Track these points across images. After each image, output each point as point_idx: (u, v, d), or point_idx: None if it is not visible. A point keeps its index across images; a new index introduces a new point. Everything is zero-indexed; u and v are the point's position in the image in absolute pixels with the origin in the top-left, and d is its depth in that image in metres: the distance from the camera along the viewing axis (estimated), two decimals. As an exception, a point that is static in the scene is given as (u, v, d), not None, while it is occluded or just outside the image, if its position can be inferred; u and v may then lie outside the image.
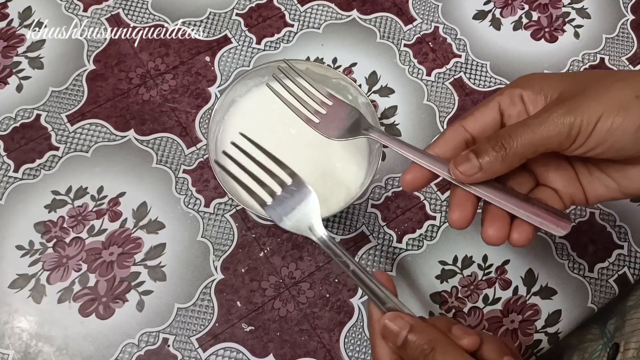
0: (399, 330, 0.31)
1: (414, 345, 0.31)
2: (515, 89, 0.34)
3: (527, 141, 0.31)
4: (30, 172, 0.50)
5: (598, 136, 0.31)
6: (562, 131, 0.31)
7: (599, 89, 0.31)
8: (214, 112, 0.47)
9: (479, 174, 0.32)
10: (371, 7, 0.59)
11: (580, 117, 0.30)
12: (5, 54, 0.55)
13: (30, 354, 0.45)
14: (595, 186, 0.35)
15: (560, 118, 0.31)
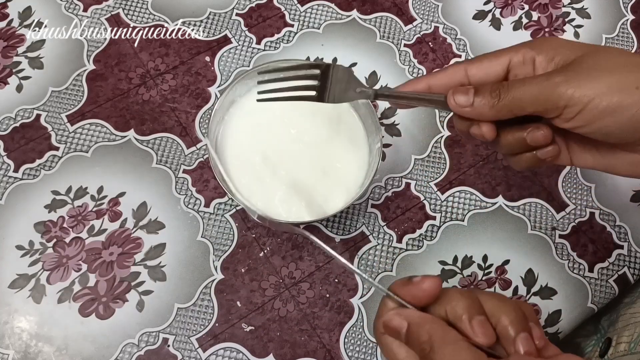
0: (399, 328, 0.31)
1: (415, 343, 0.30)
2: (530, 51, 0.34)
3: (518, 96, 0.32)
4: (30, 172, 0.50)
5: (587, 116, 0.31)
6: (551, 99, 0.31)
7: (603, 70, 0.31)
8: (214, 112, 0.47)
9: (467, 109, 0.34)
10: (371, 7, 0.59)
11: (572, 90, 0.31)
12: (5, 54, 0.55)
13: (30, 354, 0.45)
14: (584, 156, 0.35)
15: (554, 86, 0.31)
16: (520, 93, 0.32)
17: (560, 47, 0.34)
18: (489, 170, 0.53)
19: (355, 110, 0.50)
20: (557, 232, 0.51)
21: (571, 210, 0.52)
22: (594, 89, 0.30)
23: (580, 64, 0.32)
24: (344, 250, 0.50)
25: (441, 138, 0.54)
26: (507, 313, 0.31)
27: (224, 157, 0.48)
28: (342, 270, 0.49)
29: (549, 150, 0.35)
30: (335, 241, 0.50)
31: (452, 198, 0.52)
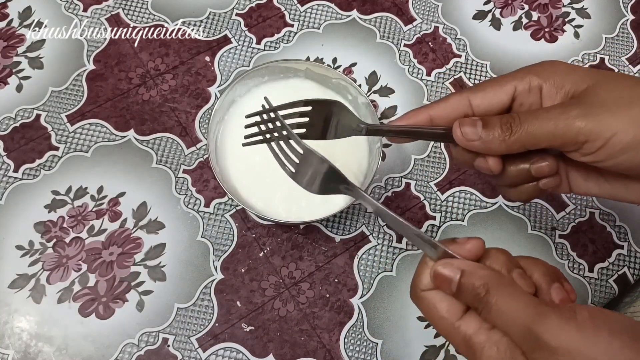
0: (451, 276, 0.30)
1: (468, 289, 0.29)
2: (536, 79, 0.33)
3: (532, 131, 0.31)
4: (30, 172, 0.50)
5: (610, 151, 0.30)
6: (569, 134, 0.30)
7: (620, 103, 0.30)
8: (214, 112, 0.47)
9: (476, 143, 0.32)
10: (371, 7, 0.59)
11: (591, 125, 0.30)
12: (5, 54, 0.55)
13: (30, 354, 0.45)
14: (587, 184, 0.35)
15: (571, 120, 0.30)
16: (534, 128, 0.31)
17: (567, 74, 0.33)
18: (489, 170, 0.53)
19: (356, 110, 0.50)
20: (557, 232, 0.51)
21: (571, 210, 0.52)
22: (615, 124, 0.30)
23: (594, 95, 0.31)
24: (344, 250, 0.50)
25: (441, 138, 0.54)
26: (539, 268, 0.31)
27: (224, 157, 0.48)
28: (342, 271, 0.49)
29: (552, 180, 0.34)
30: (335, 241, 0.50)
31: (452, 198, 0.52)
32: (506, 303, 0.28)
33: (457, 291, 0.30)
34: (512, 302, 0.28)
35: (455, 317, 0.30)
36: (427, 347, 0.47)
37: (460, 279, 0.29)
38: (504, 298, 0.28)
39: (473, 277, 0.29)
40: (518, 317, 0.27)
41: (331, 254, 0.49)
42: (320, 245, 0.49)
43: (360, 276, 0.49)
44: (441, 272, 0.30)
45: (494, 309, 0.28)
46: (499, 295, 0.28)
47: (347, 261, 0.49)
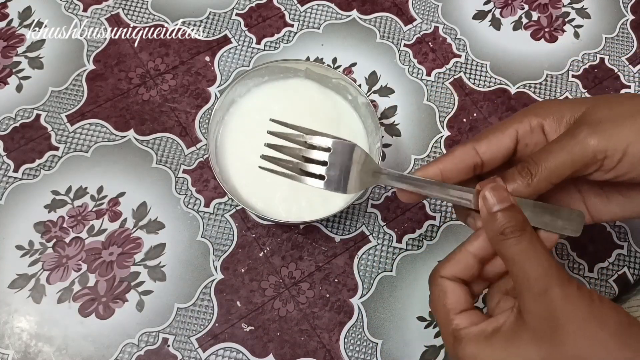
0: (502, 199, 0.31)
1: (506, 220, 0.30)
2: (535, 118, 0.33)
3: (552, 166, 0.31)
4: (30, 172, 0.50)
5: (630, 161, 0.30)
6: (586, 154, 0.30)
7: (623, 116, 0.30)
8: (213, 112, 0.47)
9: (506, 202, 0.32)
10: (371, 7, 0.59)
11: (605, 140, 0.30)
12: (5, 54, 0.55)
13: (30, 354, 0.45)
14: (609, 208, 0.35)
15: (583, 141, 0.30)
16: (551, 162, 0.31)
17: (563, 105, 0.33)
18: (488, 170, 0.53)
19: (355, 110, 0.50)
20: (557, 232, 0.51)
21: (571, 210, 0.53)
22: (626, 134, 0.30)
23: (595, 113, 0.31)
24: (344, 250, 0.50)
25: (441, 138, 0.54)
26: None
27: (224, 157, 0.48)
28: (342, 271, 0.49)
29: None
30: (335, 241, 0.50)
31: (452, 198, 0.52)
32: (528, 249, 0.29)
33: (492, 216, 0.30)
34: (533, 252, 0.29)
35: (454, 311, 0.31)
36: (427, 347, 0.47)
37: (506, 207, 0.30)
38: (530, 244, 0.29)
39: (517, 213, 0.30)
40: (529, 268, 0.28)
41: (331, 254, 0.49)
42: (320, 245, 0.49)
43: (360, 276, 0.49)
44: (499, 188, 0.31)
45: (516, 247, 0.29)
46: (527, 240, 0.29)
47: (347, 261, 0.49)
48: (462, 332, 0.30)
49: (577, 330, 0.27)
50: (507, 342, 0.28)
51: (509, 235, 0.29)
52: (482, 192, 0.31)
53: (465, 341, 0.30)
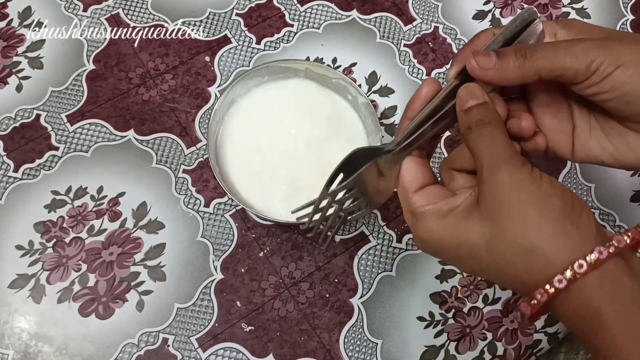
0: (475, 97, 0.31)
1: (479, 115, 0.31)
2: (554, 25, 0.34)
3: (548, 57, 0.31)
4: (30, 172, 0.50)
5: (614, 82, 0.31)
6: (584, 61, 0.31)
7: (636, 42, 0.31)
8: (213, 112, 0.47)
9: (491, 71, 0.32)
10: (371, 7, 0.59)
11: (605, 56, 0.31)
12: (5, 54, 0.55)
13: (30, 354, 0.45)
14: (590, 143, 0.35)
15: (587, 50, 0.31)
16: (551, 55, 0.32)
17: (583, 25, 0.34)
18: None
19: (355, 110, 0.50)
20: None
21: (571, 210, 0.53)
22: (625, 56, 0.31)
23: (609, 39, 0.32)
24: (344, 250, 0.50)
25: (441, 138, 0.54)
26: None
27: (224, 157, 0.48)
28: (342, 270, 0.49)
29: (538, 141, 0.34)
30: (335, 241, 0.50)
31: (452, 198, 0.52)
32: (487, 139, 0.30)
33: (464, 112, 0.31)
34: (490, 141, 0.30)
35: (411, 190, 0.33)
36: (427, 347, 0.47)
37: (478, 104, 0.31)
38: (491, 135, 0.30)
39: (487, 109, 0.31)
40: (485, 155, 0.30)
41: (331, 254, 0.49)
42: (320, 245, 0.49)
43: (360, 276, 0.49)
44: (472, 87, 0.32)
45: (478, 138, 0.30)
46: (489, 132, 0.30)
47: (347, 261, 0.49)
48: (418, 210, 0.31)
49: (518, 215, 0.28)
50: (459, 220, 0.30)
51: (473, 128, 0.31)
52: (459, 91, 0.32)
53: (421, 218, 0.31)
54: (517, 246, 0.28)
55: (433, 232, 0.31)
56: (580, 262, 0.26)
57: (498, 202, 0.29)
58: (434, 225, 0.31)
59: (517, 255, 0.28)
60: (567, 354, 0.48)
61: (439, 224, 0.31)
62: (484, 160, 0.30)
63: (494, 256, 0.29)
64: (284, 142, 0.49)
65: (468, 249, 0.30)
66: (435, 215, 0.31)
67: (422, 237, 0.31)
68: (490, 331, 0.48)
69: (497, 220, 0.28)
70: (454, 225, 0.30)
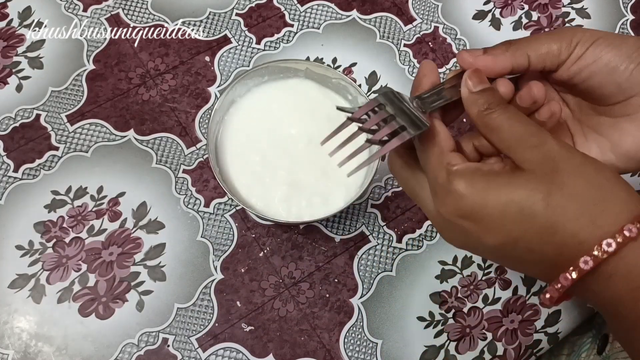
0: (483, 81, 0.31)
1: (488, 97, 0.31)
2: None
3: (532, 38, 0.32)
4: (30, 172, 0.50)
5: (584, 62, 0.32)
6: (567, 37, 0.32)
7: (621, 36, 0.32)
8: (213, 112, 0.47)
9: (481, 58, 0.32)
10: (371, 7, 0.59)
11: (584, 32, 0.31)
12: (5, 53, 0.55)
13: (30, 354, 0.45)
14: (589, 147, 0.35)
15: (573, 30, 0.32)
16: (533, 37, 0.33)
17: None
18: (488, 170, 0.53)
19: (355, 110, 0.50)
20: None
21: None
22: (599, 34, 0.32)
23: None
24: (344, 250, 0.50)
25: (441, 138, 0.54)
26: None
27: (224, 157, 0.48)
28: (342, 270, 0.49)
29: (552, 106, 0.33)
30: (335, 241, 0.50)
31: (452, 198, 0.52)
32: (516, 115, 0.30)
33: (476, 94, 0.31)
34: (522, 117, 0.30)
35: (447, 149, 0.31)
36: (427, 347, 0.47)
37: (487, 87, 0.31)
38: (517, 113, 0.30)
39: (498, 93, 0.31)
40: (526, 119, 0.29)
41: (331, 254, 0.49)
42: (320, 245, 0.49)
43: (360, 276, 0.49)
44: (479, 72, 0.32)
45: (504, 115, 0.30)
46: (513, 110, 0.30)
47: (347, 261, 0.49)
48: (456, 167, 0.30)
49: (575, 172, 0.28)
50: (505, 180, 0.28)
51: (494, 108, 0.30)
52: (465, 75, 0.32)
53: (459, 175, 0.29)
54: (585, 199, 0.27)
55: (476, 186, 0.28)
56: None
57: (552, 162, 0.28)
58: (478, 180, 0.29)
59: (583, 208, 0.27)
60: (569, 356, 0.48)
61: (482, 180, 0.29)
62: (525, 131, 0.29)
63: (553, 211, 0.27)
64: (284, 142, 0.49)
65: (519, 207, 0.27)
66: (478, 173, 0.29)
67: (462, 193, 0.29)
68: (490, 331, 0.48)
69: (554, 178, 0.27)
70: (500, 181, 0.28)
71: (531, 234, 0.28)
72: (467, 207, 0.29)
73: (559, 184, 0.27)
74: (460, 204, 0.29)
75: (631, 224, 0.26)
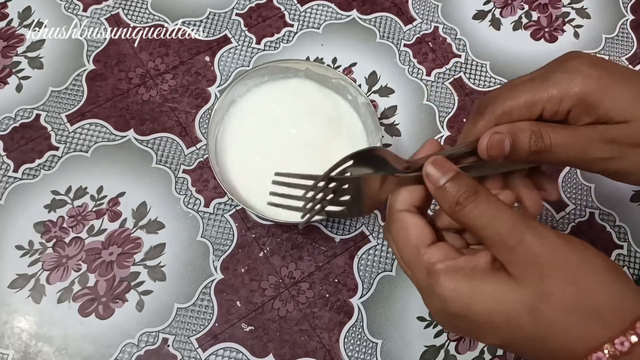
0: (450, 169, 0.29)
1: (456, 189, 0.29)
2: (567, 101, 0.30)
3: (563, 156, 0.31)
4: (30, 172, 0.50)
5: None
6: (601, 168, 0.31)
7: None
8: (213, 112, 0.47)
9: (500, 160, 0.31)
10: (371, 7, 0.59)
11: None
12: (5, 53, 0.55)
13: (30, 354, 0.45)
14: None
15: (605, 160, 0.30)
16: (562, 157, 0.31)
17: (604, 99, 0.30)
18: (488, 170, 0.53)
19: (355, 110, 0.50)
20: (557, 232, 0.51)
21: (571, 210, 0.52)
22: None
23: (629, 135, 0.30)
24: (344, 250, 0.50)
25: (441, 138, 0.54)
26: None
27: (224, 157, 0.48)
28: (342, 270, 0.49)
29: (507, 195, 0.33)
30: (335, 241, 0.50)
31: (452, 198, 0.52)
32: (495, 200, 0.28)
33: (441, 189, 0.29)
34: (498, 201, 0.28)
35: (423, 244, 0.29)
36: (427, 347, 0.47)
37: (452, 177, 0.29)
38: (488, 204, 0.28)
39: (465, 179, 0.29)
40: (504, 214, 0.27)
41: (331, 254, 0.49)
42: (320, 245, 0.49)
43: (360, 276, 0.49)
44: (438, 161, 0.30)
45: (483, 201, 0.28)
46: (484, 201, 0.28)
47: (347, 261, 0.49)
48: (437, 266, 0.28)
49: (562, 278, 0.26)
50: (490, 288, 0.27)
51: (464, 202, 0.28)
52: (424, 168, 0.30)
53: (443, 276, 0.28)
54: (573, 310, 0.25)
55: (460, 292, 0.27)
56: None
57: (536, 267, 0.26)
58: (461, 284, 0.27)
59: (572, 321, 0.25)
60: None
61: (466, 284, 0.27)
62: (502, 230, 0.27)
63: (540, 324, 0.26)
64: (284, 142, 0.49)
65: (505, 317, 0.26)
66: (460, 273, 0.28)
67: (446, 298, 0.27)
68: (490, 331, 0.48)
69: (541, 286, 0.26)
70: (485, 289, 0.27)
71: (521, 342, 0.27)
72: (453, 310, 0.28)
73: (545, 295, 0.26)
74: (445, 307, 0.28)
75: (623, 335, 0.25)
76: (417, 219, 0.30)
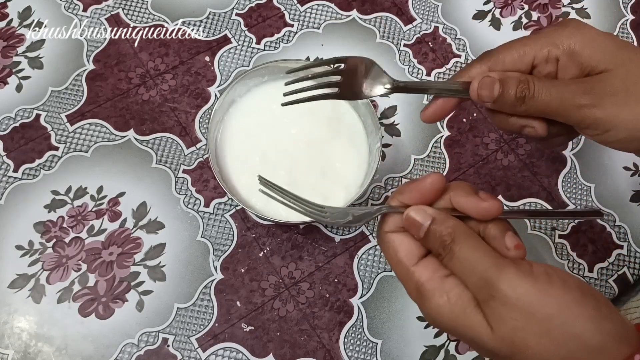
0: (422, 222, 0.31)
1: (436, 236, 0.30)
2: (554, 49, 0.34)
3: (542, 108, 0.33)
4: (30, 172, 0.50)
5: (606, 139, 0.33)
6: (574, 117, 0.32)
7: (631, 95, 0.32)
8: (213, 112, 0.47)
9: (489, 104, 0.34)
10: (371, 7, 0.59)
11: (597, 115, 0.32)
12: (5, 53, 0.55)
13: (30, 354, 0.45)
14: None
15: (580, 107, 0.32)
16: (544, 104, 0.33)
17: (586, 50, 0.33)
18: (488, 170, 0.53)
19: (355, 110, 0.50)
20: (557, 232, 0.51)
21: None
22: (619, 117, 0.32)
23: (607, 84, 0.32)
24: (344, 250, 0.50)
25: (441, 138, 0.54)
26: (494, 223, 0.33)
27: (224, 157, 0.48)
28: (342, 270, 0.49)
29: None
30: (335, 241, 0.50)
31: (452, 198, 0.52)
32: (469, 252, 0.29)
33: (424, 236, 0.31)
34: (474, 252, 0.29)
35: (411, 262, 0.31)
36: (427, 347, 0.47)
37: (430, 225, 0.31)
38: (468, 247, 0.29)
39: (442, 224, 0.30)
40: (478, 266, 0.29)
41: (331, 254, 0.49)
42: (320, 245, 0.49)
43: (360, 276, 0.49)
44: (413, 217, 0.31)
45: (456, 256, 0.29)
46: (463, 244, 0.30)
47: (347, 261, 0.49)
48: (426, 287, 0.30)
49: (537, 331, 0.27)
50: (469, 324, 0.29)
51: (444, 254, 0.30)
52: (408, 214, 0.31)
53: (428, 300, 0.30)
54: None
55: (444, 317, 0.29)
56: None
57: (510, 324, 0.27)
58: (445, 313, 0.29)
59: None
60: None
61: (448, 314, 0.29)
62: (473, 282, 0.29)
63: None
64: (284, 142, 0.49)
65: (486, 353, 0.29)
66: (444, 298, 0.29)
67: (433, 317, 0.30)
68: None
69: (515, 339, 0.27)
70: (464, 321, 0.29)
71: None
72: (442, 325, 0.30)
73: (521, 347, 0.27)
74: (434, 321, 0.30)
75: None
76: (402, 237, 0.32)
